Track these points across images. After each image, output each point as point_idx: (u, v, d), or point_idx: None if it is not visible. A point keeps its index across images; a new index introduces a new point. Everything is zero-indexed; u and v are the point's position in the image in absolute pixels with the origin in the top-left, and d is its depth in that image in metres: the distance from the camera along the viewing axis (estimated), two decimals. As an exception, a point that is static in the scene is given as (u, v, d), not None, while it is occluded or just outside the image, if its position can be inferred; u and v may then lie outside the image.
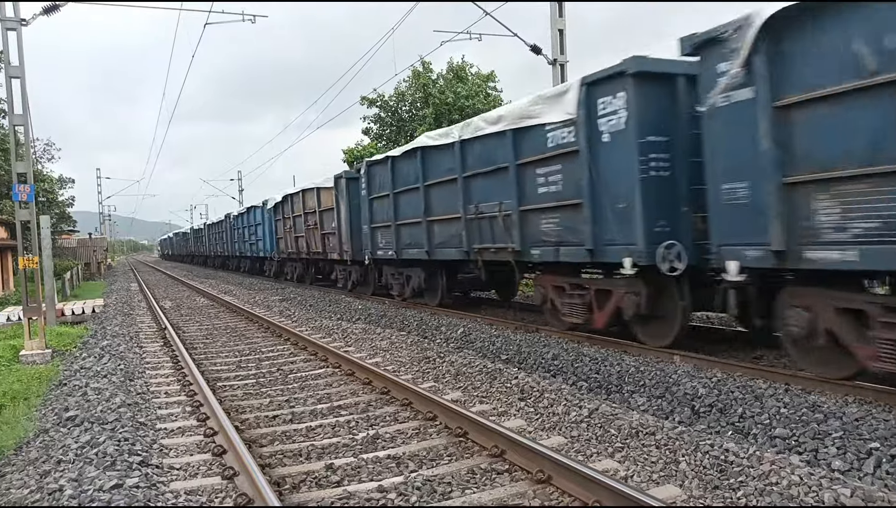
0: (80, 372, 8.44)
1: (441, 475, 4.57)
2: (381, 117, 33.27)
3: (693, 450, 4.59)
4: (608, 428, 5.26)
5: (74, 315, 15.62)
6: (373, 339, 10.23)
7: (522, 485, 4.36)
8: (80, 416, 6.01)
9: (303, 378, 7.93)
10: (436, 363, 8.09)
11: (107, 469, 4.58)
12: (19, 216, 11.87)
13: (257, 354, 9.81)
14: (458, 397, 6.68)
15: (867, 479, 4.25)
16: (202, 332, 12.55)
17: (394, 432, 5.61)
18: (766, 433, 5.15)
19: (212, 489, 4.51)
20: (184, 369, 8.46)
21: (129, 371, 8.30)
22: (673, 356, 7.49)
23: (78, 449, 5.06)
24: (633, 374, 6.96)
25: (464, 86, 30.22)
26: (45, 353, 10.17)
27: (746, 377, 6.48)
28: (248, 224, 30.29)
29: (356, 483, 4.50)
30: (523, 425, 5.66)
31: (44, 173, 33.22)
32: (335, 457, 5.04)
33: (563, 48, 15.06)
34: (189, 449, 5.42)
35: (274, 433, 5.73)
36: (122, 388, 7.25)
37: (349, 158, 32.19)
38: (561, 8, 14.93)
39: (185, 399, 7.03)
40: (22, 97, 11.76)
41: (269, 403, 6.83)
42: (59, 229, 36.82)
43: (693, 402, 5.98)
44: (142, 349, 10.36)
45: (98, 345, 10.56)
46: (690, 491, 4.15)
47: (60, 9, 13.24)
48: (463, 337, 9.93)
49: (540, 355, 8.19)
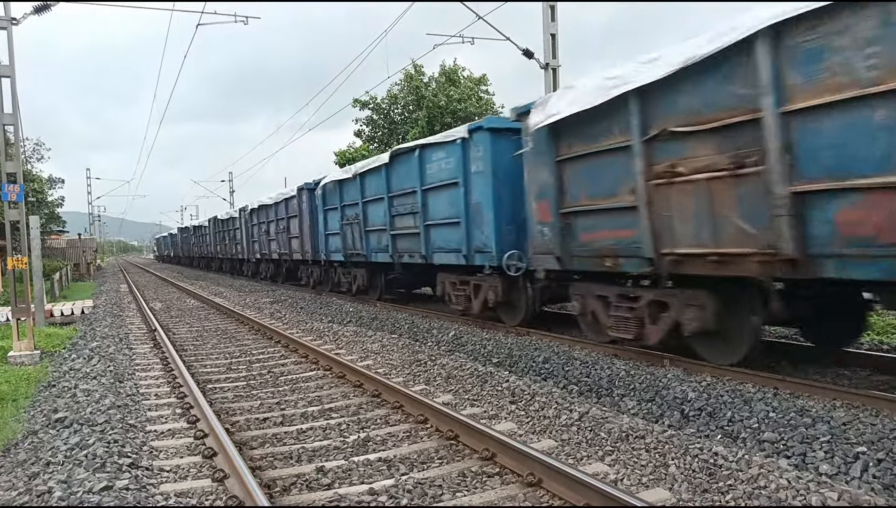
0: (69, 373, 8.39)
1: (432, 477, 4.58)
2: (374, 120, 33.28)
3: (682, 454, 4.62)
4: (598, 432, 5.28)
5: (63, 316, 15.53)
6: (364, 341, 10.23)
7: (513, 488, 4.37)
8: (69, 418, 5.98)
9: (294, 381, 7.92)
10: (427, 366, 8.10)
11: (96, 470, 4.57)
12: (8, 216, 11.77)
13: (248, 356, 9.78)
14: (450, 400, 6.69)
15: (854, 483, 4.29)
16: (192, 334, 12.50)
17: (385, 434, 5.62)
18: (754, 436, 5.19)
19: (202, 491, 4.50)
20: (174, 370, 8.43)
21: (118, 373, 8.26)
22: (663, 360, 7.54)
23: (67, 451, 5.03)
24: (623, 378, 7.00)
25: (456, 89, 30.28)
26: (33, 354, 10.10)
27: (735, 381, 6.53)
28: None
29: (347, 486, 4.50)
30: (514, 428, 5.68)
31: (33, 173, 33.01)
32: (326, 460, 5.04)
33: (556, 52, 15.11)
34: (179, 451, 5.40)
35: (265, 436, 5.72)
36: (111, 390, 7.21)
37: (341, 161, 32.17)
38: (553, 13, 14.98)
39: (176, 401, 7.01)
40: (12, 97, 11.68)
41: (260, 405, 6.81)
42: (48, 230, 36.57)
43: (683, 406, 6.02)
44: (132, 351, 10.30)
45: (87, 346, 10.50)
46: (680, 495, 4.17)
47: (52, 8, 13.17)
48: (454, 340, 9.94)
49: (531, 358, 8.22)
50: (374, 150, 30.67)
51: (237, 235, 29.67)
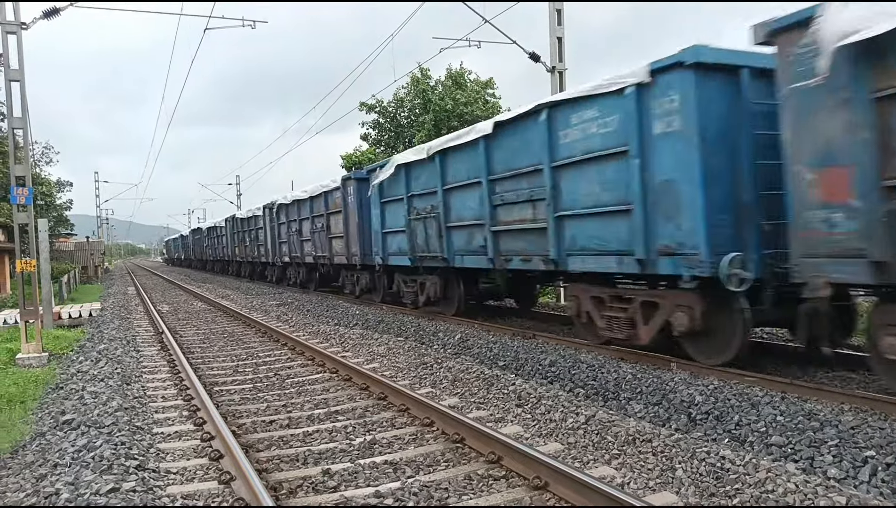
0: (76, 376, 8.43)
1: (438, 480, 4.57)
2: (380, 123, 33.34)
3: (689, 457, 4.61)
4: (605, 435, 5.27)
5: (71, 319, 15.59)
6: (370, 344, 10.24)
7: (519, 491, 4.36)
8: (76, 420, 6.01)
9: (300, 383, 7.93)
10: (433, 369, 8.10)
11: (103, 472, 4.58)
12: (17, 219, 11.86)
13: (254, 358, 9.81)
14: (456, 403, 6.69)
15: (863, 487, 4.26)
16: (199, 336, 12.54)
17: (391, 437, 5.61)
18: (762, 440, 5.16)
19: (208, 493, 4.51)
20: (181, 373, 8.45)
21: (125, 375, 8.29)
22: (670, 364, 7.51)
23: (74, 453, 5.05)
24: (629, 381, 6.97)
25: (462, 92, 30.31)
26: (41, 356, 10.16)
27: (743, 384, 6.50)
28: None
29: (353, 489, 4.50)
30: (520, 431, 5.67)
31: (42, 177, 33.21)
32: (332, 462, 5.04)
33: (562, 56, 15.11)
34: (186, 454, 5.41)
35: (271, 438, 5.73)
36: (118, 392, 7.24)
37: (347, 164, 32.24)
38: (560, 16, 14.99)
39: (182, 404, 7.03)
40: (21, 100, 11.78)
41: (267, 408, 6.82)
42: (56, 233, 36.81)
43: (690, 409, 5.99)
44: (139, 353, 10.34)
45: (95, 349, 10.55)
46: (687, 498, 4.16)
47: (61, 13, 13.27)
48: (460, 343, 9.93)
49: (537, 361, 8.20)
50: (381, 153, 30.70)
51: (260, 235, 26.56)
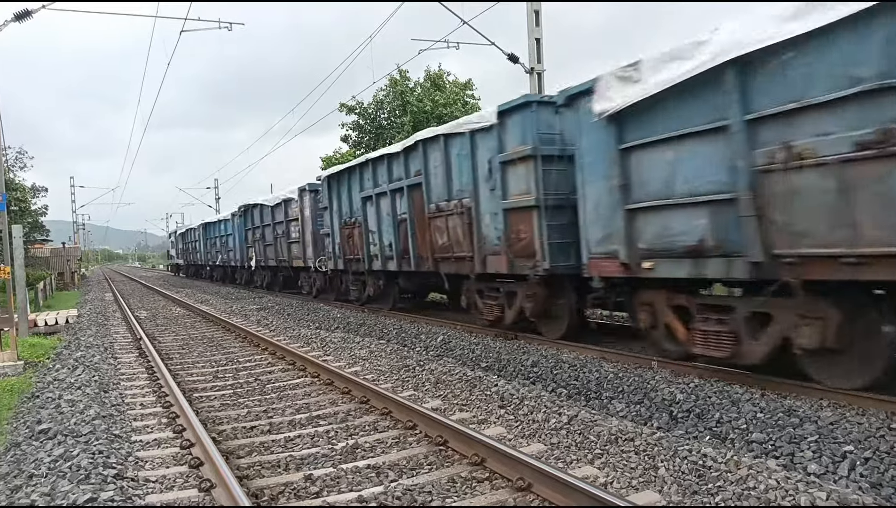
0: (53, 384, 8.27)
1: (421, 484, 4.55)
2: (360, 125, 33.21)
3: (672, 456, 4.62)
4: (588, 435, 5.28)
5: (48, 326, 15.32)
6: (352, 348, 10.18)
7: (503, 493, 4.35)
8: (53, 429, 5.89)
9: (281, 388, 7.86)
10: (415, 372, 8.07)
11: (80, 482, 4.49)
12: (-10, 226, 11.65)
13: (235, 364, 9.70)
14: (438, 405, 6.66)
15: (842, 482, 4.31)
16: (178, 342, 12.38)
17: (373, 441, 5.58)
18: (743, 437, 5.20)
19: (188, 501, 4.44)
20: (160, 380, 8.34)
21: (103, 383, 8.16)
22: (651, 362, 7.55)
23: (51, 463, 4.95)
24: (611, 380, 7.00)
25: (441, 94, 30.29)
26: (17, 365, 9.95)
27: (723, 382, 6.55)
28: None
29: (336, 494, 4.46)
30: (503, 432, 5.66)
31: (16, 182, 32.62)
32: (314, 468, 4.99)
33: (541, 57, 15.16)
34: (165, 461, 5.33)
35: (252, 444, 5.66)
36: (96, 400, 7.12)
37: (327, 166, 32.09)
38: (538, 17, 15.04)
39: (161, 411, 6.93)
40: (-7, 104, 11.56)
41: (247, 413, 6.75)
42: (31, 239, 36.16)
43: (671, 408, 6.03)
44: (116, 360, 10.19)
45: (72, 356, 10.37)
46: (669, 497, 4.17)
47: (33, 15, 13.06)
48: (442, 345, 9.92)
49: (519, 362, 8.21)
50: (362, 155, 30.61)
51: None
